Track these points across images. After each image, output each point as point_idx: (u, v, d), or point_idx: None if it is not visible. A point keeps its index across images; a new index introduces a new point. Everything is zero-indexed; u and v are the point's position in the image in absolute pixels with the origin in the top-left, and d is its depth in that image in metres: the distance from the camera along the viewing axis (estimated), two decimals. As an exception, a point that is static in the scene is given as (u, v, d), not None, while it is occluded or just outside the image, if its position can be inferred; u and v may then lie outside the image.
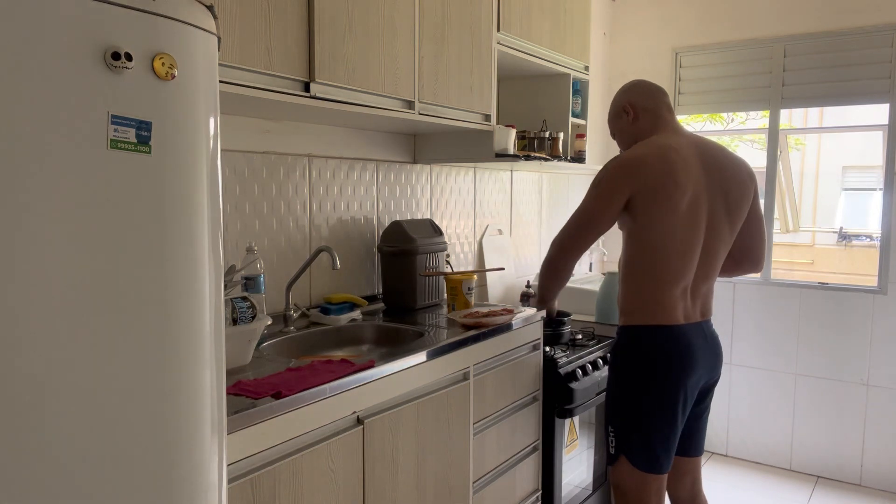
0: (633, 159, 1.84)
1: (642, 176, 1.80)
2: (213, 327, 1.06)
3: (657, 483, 1.88)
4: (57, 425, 0.86)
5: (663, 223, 1.80)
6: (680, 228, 1.81)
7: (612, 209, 1.84)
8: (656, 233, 1.81)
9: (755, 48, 3.46)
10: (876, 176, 7.23)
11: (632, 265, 1.88)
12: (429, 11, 2.13)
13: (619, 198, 1.82)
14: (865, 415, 3.29)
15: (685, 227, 1.81)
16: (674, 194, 1.78)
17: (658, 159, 1.80)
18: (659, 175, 1.78)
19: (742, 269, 2.04)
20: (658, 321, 1.84)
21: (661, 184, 1.78)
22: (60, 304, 0.85)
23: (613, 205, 1.83)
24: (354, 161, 2.38)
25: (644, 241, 1.84)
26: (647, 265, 1.84)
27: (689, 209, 1.80)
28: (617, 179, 1.83)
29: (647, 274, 1.85)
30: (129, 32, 0.90)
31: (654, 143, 1.86)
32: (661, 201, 1.79)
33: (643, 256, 1.84)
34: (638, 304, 1.87)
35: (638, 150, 1.85)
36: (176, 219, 0.97)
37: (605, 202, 1.84)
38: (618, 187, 1.82)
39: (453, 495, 1.94)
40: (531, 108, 3.02)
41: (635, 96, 1.97)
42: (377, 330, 2.15)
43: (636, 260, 1.86)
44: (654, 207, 1.79)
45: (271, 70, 1.63)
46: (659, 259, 1.82)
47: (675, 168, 1.79)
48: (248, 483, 1.30)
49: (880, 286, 3.23)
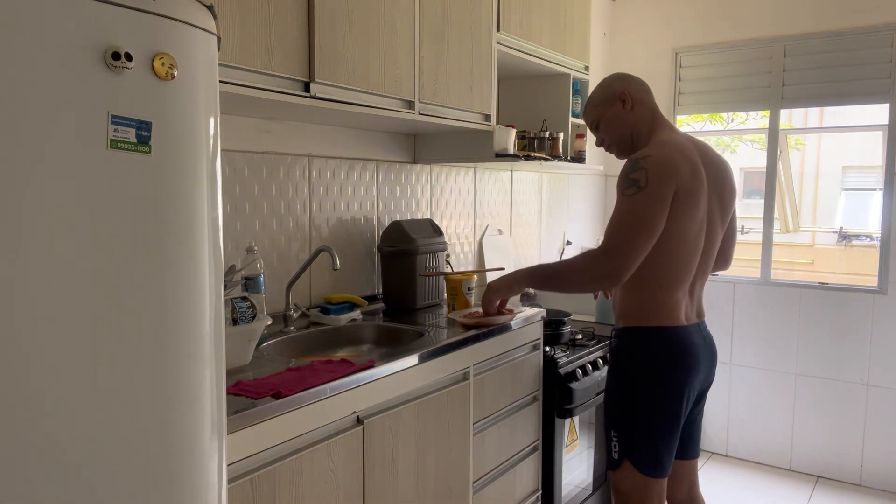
0: (669, 159, 1.71)
1: (680, 177, 1.70)
2: (213, 327, 1.06)
3: (659, 487, 1.87)
4: (57, 425, 0.86)
5: (686, 227, 1.73)
6: (692, 232, 1.76)
7: (665, 212, 1.68)
8: (677, 236, 1.73)
9: (755, 48, 3.46)
10: (876, 176, 7.22)
11: (644, 270, 1.76)
12: (429, 11, 2.13)
13: (668, 199, 1.68)
14: (865, 415, 3.28)
15: (695, 230, 1.77)
16: (700, 198, 1.74)
17: (685, 161, 1.73)
18: (689, 177, 1.71)
19: (715, 266, 2.01)
20: (662, 323, 1.81)
21: (692, 187, 1.72)
22: (60, 303, 0.85)
23: (666, 207, 1.68)
24: (354, 161, 2.38)
25: (666, 246, 1.74)
26: (660, 268, 1.77)
27: (700, 212, 1.78)
28: (663, 180, 1.68)
29: (658, 277, 1.78)
30: (129, 32, 0.90)
31: (671, 142, 1.78)
32: (690, 204, 1.72)
33: (659, 259, 1.75)
34: (642, 306, 1.82)
35: (664, 151, 1.74)
36: (176, 219, 0.98)
37: (660, 204, 1.67)
38: (667, 188, 1.68)
39: (453, 495, 1.94)
40: (531, 108, 3.02)
41: (632, 86, 1.90)
42: (377, 330, 2.15)
43: (651, 264, 1.75)
44: (684, 210, 1.71)
45: (271, 70, 1.63)
46: (673, 262, 1.77)
47: (698, 170, 1.75)
48: (248, 483, 1.30)
49: (880, 286, 3.23)
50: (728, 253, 2.03)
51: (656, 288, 1.80)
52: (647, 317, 1.82)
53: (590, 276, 1.74)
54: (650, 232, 1.67)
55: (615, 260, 1.67)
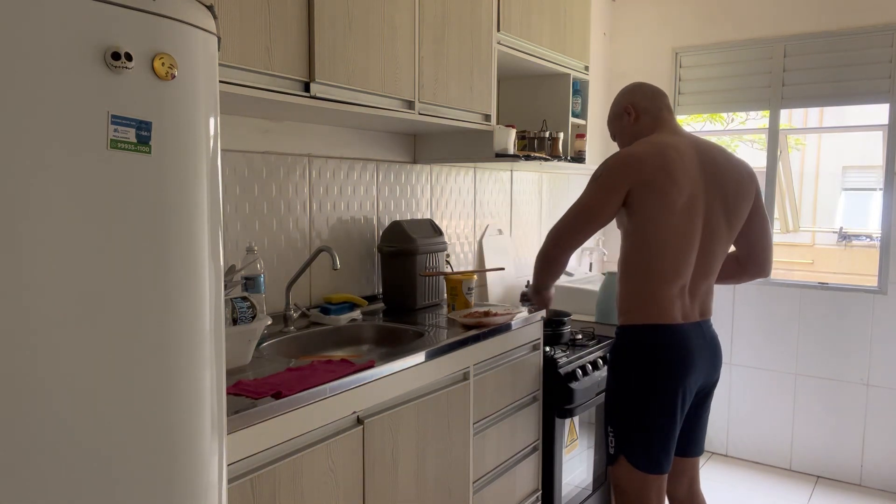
0: (630, 155, 1.85)
1: (640, 171, 1.80)
2: (213, 327, 1.06)
3: (657, 483, 1.89)
4: (57, 425, 0.86)
5: (658, 220, 1.81)
6: (676, 226, 1.81)
7: (611, 203, 1.83)
8: (651, 230, 1.82)
9: (755, 48, 3.46)
10: (876, 176, 7.22)
11: (628, 263, 1.89)
12: (429, 11, 2.13)
13: (617, 192, 1.82)
14: (865, 415, 3.28)
15: (681, 225, 1.81)
16: (670, 191, 1.79)
17: (655, 155, 1.82)
18: (655, 170, 1.80)
19: (747, 272, 2.03)
20: (655, 320, 1.84)
21: (657, 179, 1.79)
22: (60, 303, 0.85)
23: (612, 198, 1.83)
24: (354, 161, 2.38)
25: (640, 238, 1.84)
26: (642, 263, 1.85)
27: (685, 207, 1.81)
28: (615, 173, 1.83)
29: (642, 272, 1.85)
30: (129, 32, 0.90)
31: (652, 141, 1.88)
32: (657, 197, 1.80)
33: (639, 254, 1.85)
34: (635, 304, 1.87)
35: (636, 147, 1.87)
36: (176, 219, 0.98)
37: (603, 195, 1.84)
38: (616, 181, 1.83)
39: (453, 495, 1.94)
40: (531, 108, 3.02)
41: (637, 98, 1.99)
42: (377, 330, 2.15)
43: (632, 258, 1.87)
44: (650, 203, 1.80)
45: (271, 70, 1.63)
46: (654, 256, 1.83)
47: (671, 165, 1.80)
48: (248, 483, 1.30)
49: (880, 286, 3.23)
50: (759, 257, 2.01)
51: (646, 284, 1.85)
52: (639, 314, 1.86)
53: (542, 258, 1.96)
54: (590, 217, 1.86)
55: (555, 239, 1.90)
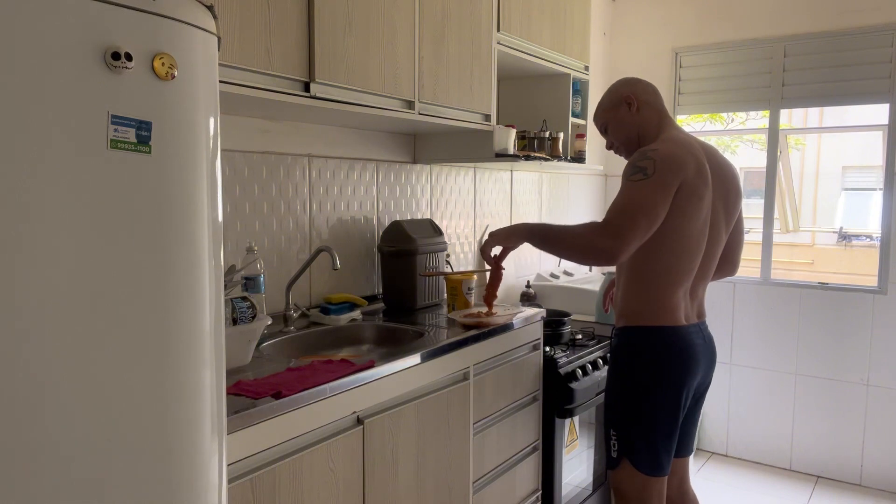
0: (675, 154, 1.71)
1: (685, 172, 1.71)
2: (213, 327, 1.06)
3: (659, 485, 1.87)
4: (57, 425, 0.86)
5: (688, 224, 1.74)
6: (698, 230, 1.77)
7: (668, 202, 1.67)
8: (680, 234, 1.74)
9: (755, 48, 3.46)
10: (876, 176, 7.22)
11: (644, 266, 1.79)
12: (429, 11, 2.13)
13: (672, 190, 1.68)
14: (865, 415, 3.28)
15: (700, 229, 1.78)
16: (704, 196, 1.74)
17: (692, 158, 1.74)
18: (694, 174, 1.72)
19: (720, 271, 2.01)
20: (662, 322, 1.81)
21: (696, 184, 1.72)
22: (59, 303, 0.85)
23: (669, 197, 1.67)
24: (354, 161, 2.38)
25: (667, 241, 1.75)
26: (662, 267, 1.78)
27: (705, 211, 1.78)
28: (668, 171, 1.68)
29: (659, 275, 1.79)
30: (129, 32, 0.90)
31: (680, 141, 1.79)
32: (693, 201, 1.72)
33: (661, 257, 1.77)
34: (643, 306, 1.83)
35: (670, 147, 1.74)
36: (176, 219, 0.97)
37: (664, 193, 1.66)
38: (672, 179, 1.68)
39: (453, 495, 1.94)
40: (531, 108, 3.02)
41: (637, 89, 1.93)
42: (377, 330, 2.15)
43: (652, 260, 1.78)
44: (687, 206, 1.72)
45: (271, 70, 1.63)
46: (675, 261, 1.77)
47: (703, 169, 1.75)
48: (248, 483, 1.30)
49: (880, 286, 3.23)
50: (734, 258, 2.02)
51: (656, 286, 1.81)
52: (646, 316, 1.83)
53: (586, 246, 1.69)
54: (652, 218, 1.65)
55: (614, 237, 1.63)
